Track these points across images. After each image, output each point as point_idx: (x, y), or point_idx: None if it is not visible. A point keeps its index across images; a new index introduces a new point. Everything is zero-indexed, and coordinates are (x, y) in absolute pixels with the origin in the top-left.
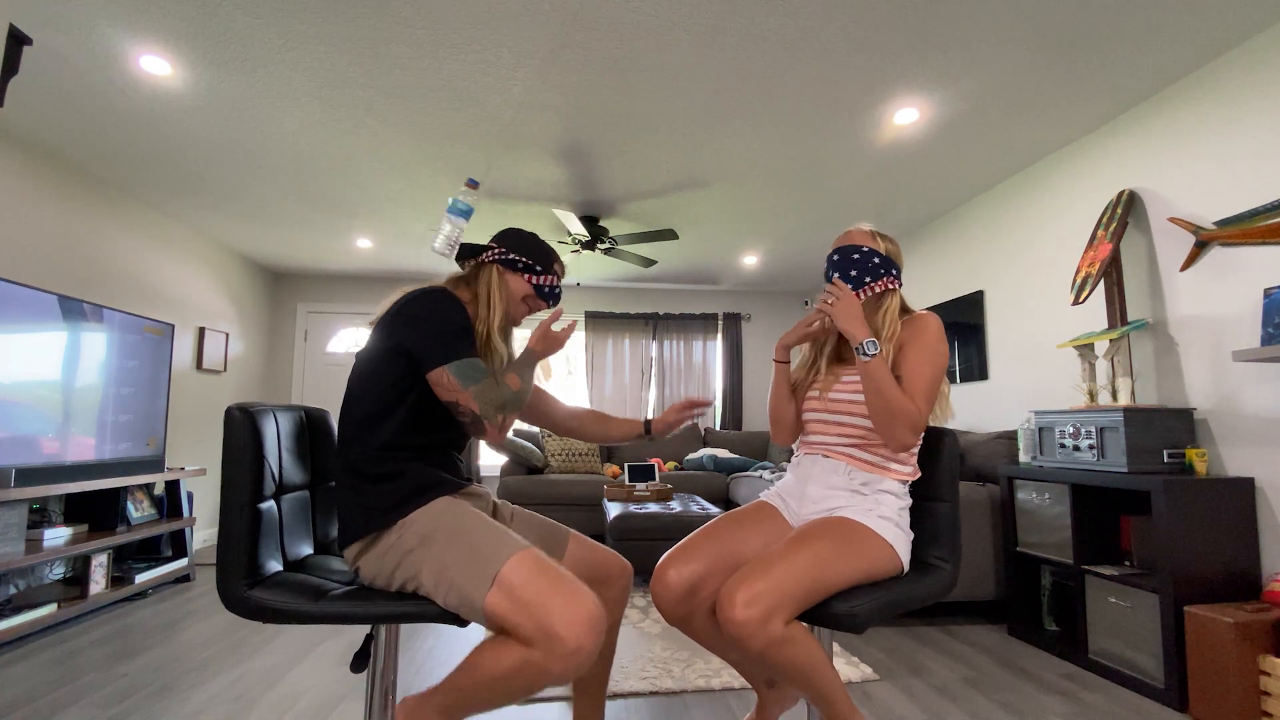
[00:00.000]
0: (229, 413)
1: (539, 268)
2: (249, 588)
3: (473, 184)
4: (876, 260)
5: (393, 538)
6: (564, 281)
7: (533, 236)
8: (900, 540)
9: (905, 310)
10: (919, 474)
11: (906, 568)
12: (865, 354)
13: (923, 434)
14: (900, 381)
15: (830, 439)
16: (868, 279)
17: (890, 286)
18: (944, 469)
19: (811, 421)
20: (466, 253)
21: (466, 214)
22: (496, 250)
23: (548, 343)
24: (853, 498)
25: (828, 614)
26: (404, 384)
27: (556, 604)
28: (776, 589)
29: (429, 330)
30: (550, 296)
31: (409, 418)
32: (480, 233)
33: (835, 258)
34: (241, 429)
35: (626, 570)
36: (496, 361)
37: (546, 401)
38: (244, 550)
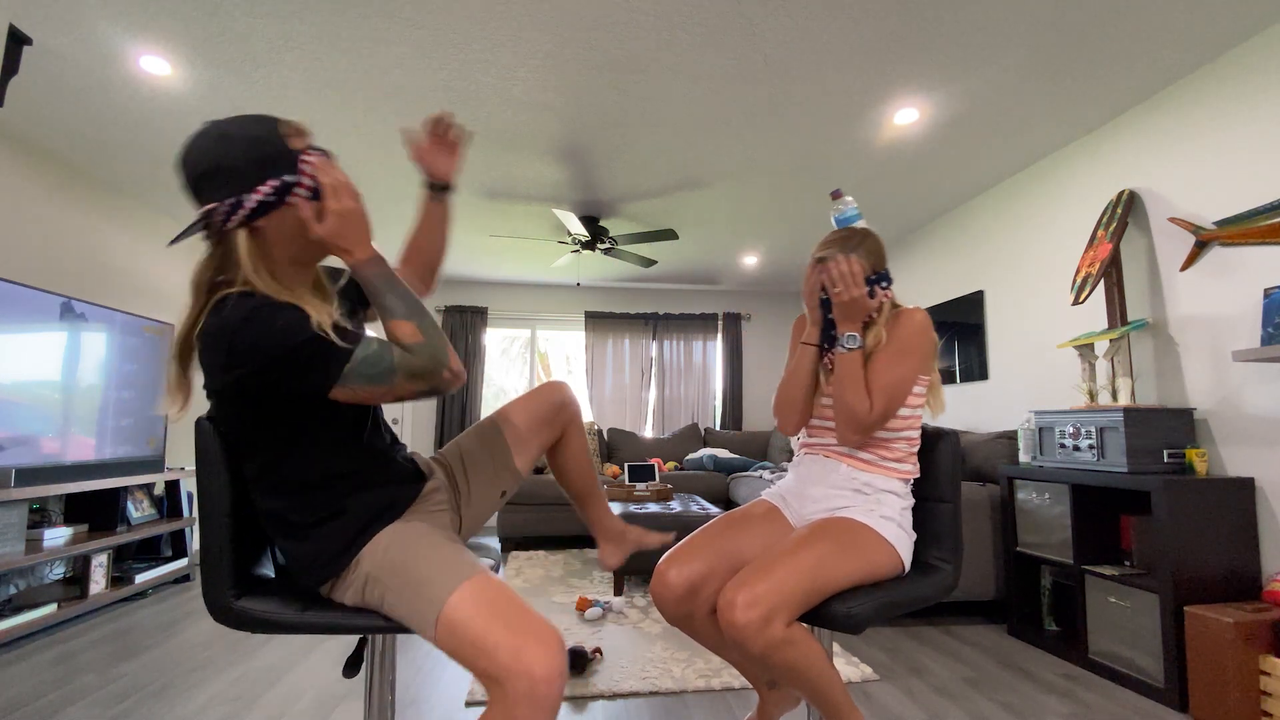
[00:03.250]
0: (199, 423)
1: (285, 175)
2: (236, 597)
3: (838, 193)
4: (866, 286)
5: (350, 576)
6: (562, 281)
7: (237, 137)
8: (902, 540)
9: (894, 305)
10: (919, 472)
11: (908, 568)
12: (844, 346)
13: (871, 432)
14: (868, 374)
15: (830, 440)
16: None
17: (884, 300)
18: (945, 469)
19: (811, 426)
20: (198, 228)
21: (855, 219)
22: (223, 209)
23: (342, 218)
24: (855, 497)
25: (826, 614)
26: (293, 425)
27: (503, 641)
28: (777, 591)
29: (285, 369)
30: (310, 182)
31: (318, 451)
32: (477, 235)
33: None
34: (211, 438)
35: (561, 389)
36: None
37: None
38: (226, 561)
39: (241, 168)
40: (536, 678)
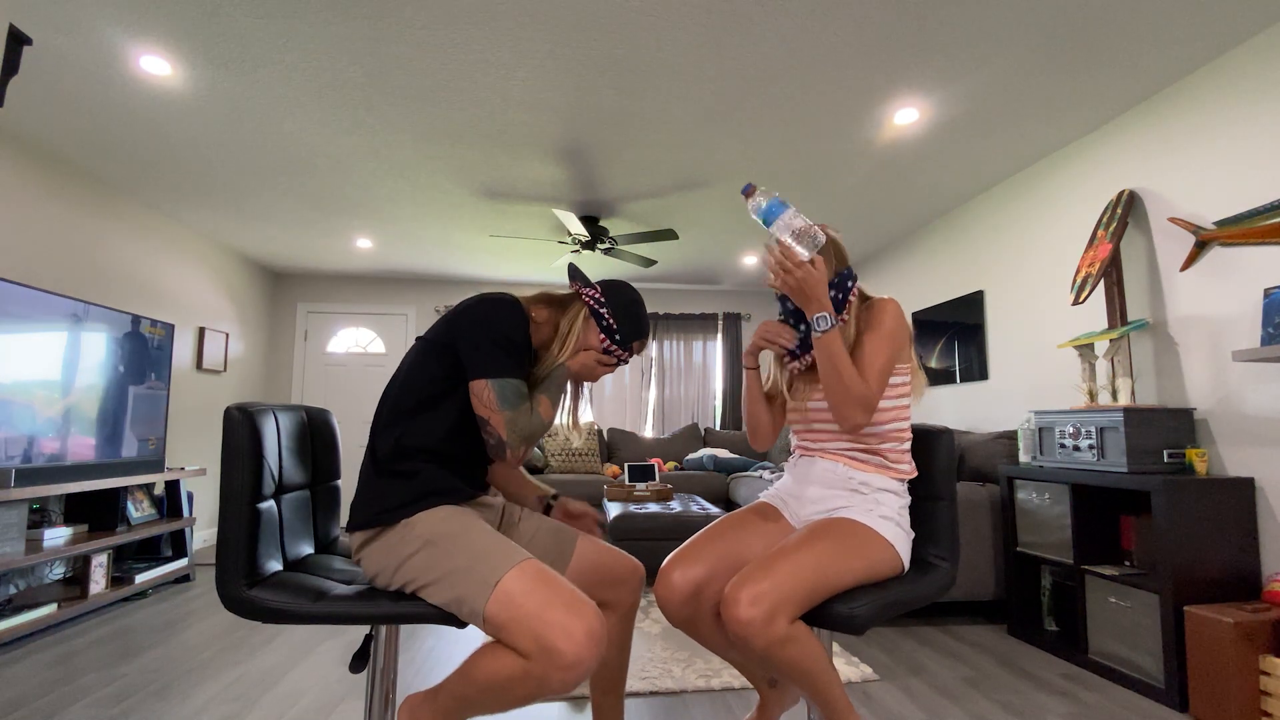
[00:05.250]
0: (228, 413)
1: (619, 337)
2: (249, 587)
3: (749, 189)
4: (832, 286)
5: (395, 537)
6: (562, 281)
7: (634, 304)
8: (901, 539)
9: (864, 298)
10: (916, 472)
11: (907, 566)
12: (818, 329)
13: (873, 409)
14: (855, 363)
15: (825, 441)
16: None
17: (851, 298)
18: (941, 467)
19: (801, 431)
20: (577, 274)
21: (778, 209)
22: (594, 295)
23: (584, 369)
24: (852, 497)
25: (828, 615)
26: (446, 383)
27: (556, 617)
28: (780, 588)
29: (484, 339)
30: (618, 364)
31: (441, 419)
32: (477, 235)
33: (791, 306)
34: (241, 429)
35: (637, 570)
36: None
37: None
38: (243, 550)
39: (617, 307)
40: (581, 662)
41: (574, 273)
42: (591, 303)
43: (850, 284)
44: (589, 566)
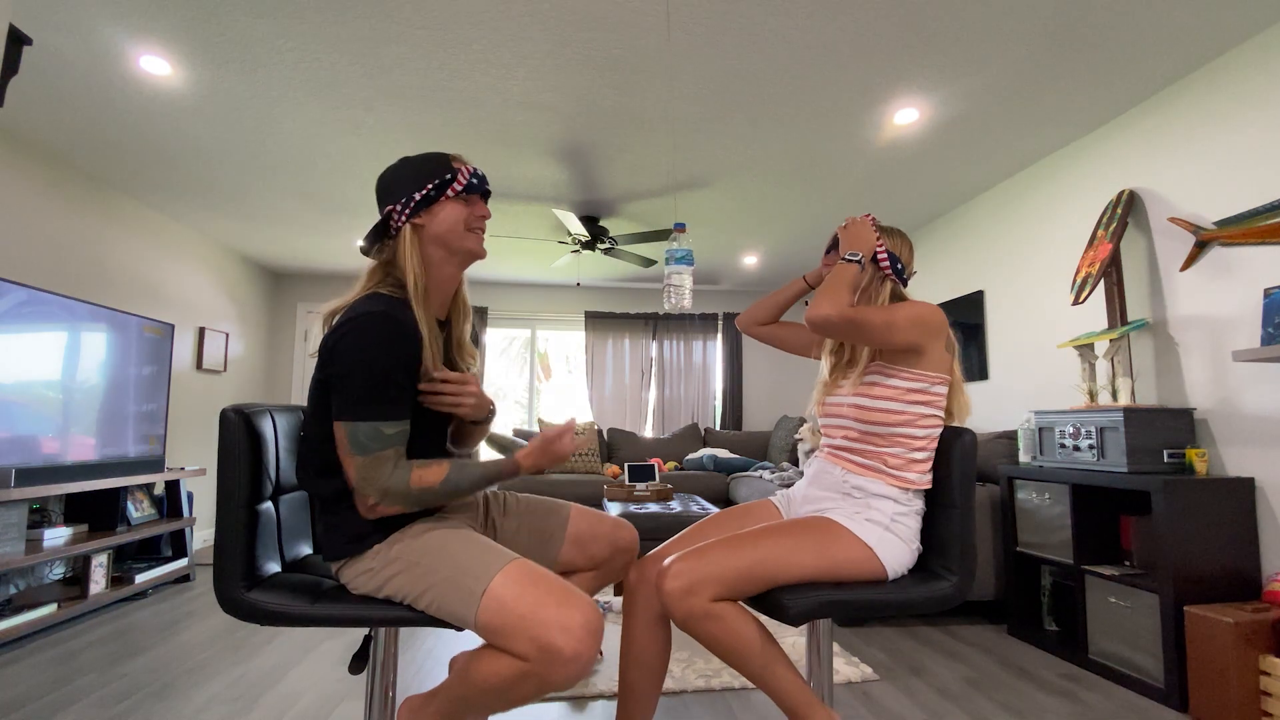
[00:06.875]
0: (224, 415)
1: (447, 175)
2: (246, 589)
3: (679, 227)
4: (883, 251)
5: (372, 561)
6: (562, 281)
7: (426, 159)
8: (886, 545)
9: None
10: (927, 482)
11: (891, 574)
12: (845, 258)
13: (841, 315)
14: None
15: (830, 441)
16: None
17: (885, 273)
18: (955, 472)
19: (823, 426)
20: (374, 237)
21: (687, 261)
22: (396, 208)
23: (545, 457)
24: (842, 500)
25: (769, 602)
26: None
27: (550, 615)
28: (705, 567)
29: (341, 376)
30: (479, 189)
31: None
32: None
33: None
34: (237, 430)
35: (633, 537)
36: (464, 357)
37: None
38: (241, 552)
39: (415, 177)
40: (580, 655)
41: (379, 194)
42: (399, 207)
43: (899, 265)
44: (584, 537)
